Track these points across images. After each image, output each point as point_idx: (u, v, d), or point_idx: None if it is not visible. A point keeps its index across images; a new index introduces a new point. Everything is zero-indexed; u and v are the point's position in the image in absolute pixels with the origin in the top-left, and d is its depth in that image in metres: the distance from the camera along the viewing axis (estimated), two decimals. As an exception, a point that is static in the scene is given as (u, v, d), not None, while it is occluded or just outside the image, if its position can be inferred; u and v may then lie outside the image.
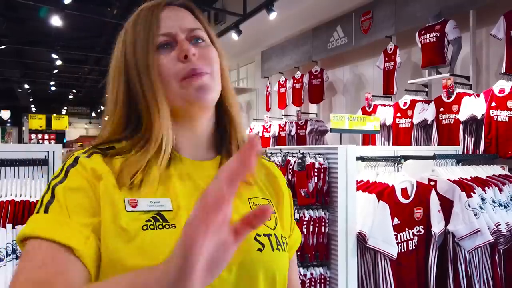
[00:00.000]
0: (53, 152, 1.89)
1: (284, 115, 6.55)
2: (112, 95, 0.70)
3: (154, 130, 0.64)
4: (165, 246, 0.56)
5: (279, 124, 6.18)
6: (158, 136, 0.64)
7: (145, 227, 0.57)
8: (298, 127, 5.87)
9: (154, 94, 0.65)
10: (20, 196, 1.64)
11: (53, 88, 16.52)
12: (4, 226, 1.46)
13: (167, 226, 0.58)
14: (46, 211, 0.56)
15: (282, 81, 6.48)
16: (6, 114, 18.30)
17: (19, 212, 1.54)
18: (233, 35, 6.36)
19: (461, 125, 3.38)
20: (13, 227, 1.48)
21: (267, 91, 7.03)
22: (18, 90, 16.98)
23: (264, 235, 0.65)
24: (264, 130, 6.46)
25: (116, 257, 0.55)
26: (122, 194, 0.59)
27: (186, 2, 0.72)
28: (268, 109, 6.98)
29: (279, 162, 2.39)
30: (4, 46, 9.19)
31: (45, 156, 1.84)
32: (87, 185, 0.59)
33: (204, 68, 0.65)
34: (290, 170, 2.28)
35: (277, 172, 0.79)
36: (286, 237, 0.72)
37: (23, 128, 20.32)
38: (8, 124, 20.15)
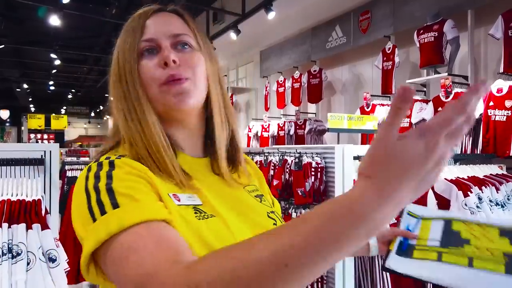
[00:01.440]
0: (50, 151, 1.90)
1: (283, 114, 6.55)
2: (113, 101, 0.71)
3: (144, 134, 0.66)
4: (219, 232, 0.60)
5: (278, 124, 6.18)
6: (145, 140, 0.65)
7: (197, 217, 0.60)
8: (297, 127, 5.87)
9: (138, 99, 0.67)
10: (16, 195, 1.64)
11: (52, 87, 16.51)
12: (0, 226, 1.46)
13: (209, 216, 0.62)
14: (115, 206, 0.52)
15: (281, 81, 6.48)
16: (5, 114, 18.29)
17: (15, 211, 1.54)
18: (232, 35, 6.36)
19: (459, 124, 3.37)
20: (9, 227, 1.48)
21: (266, 90, 7.03)
22: (17, 89, 16.97)
23: (271, 212, 0.73)
24: (263, 130, 6.46)
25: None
26: (165, 189, 0.61)
27: (176, 8, 0.73)
28: (267, 109, 6.99)
29: (277, 162, 2.39)
30: (2, 46, 9.18)
31: (42, 156, 1.85)
32: (140, 174, 0.59)
33: (184, 74, 0.67)
34: (287, 170, 2.28)
35: (247, 158, 0.85)
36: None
37: (22, 128, 20.31)
38: (7, 124, 20.14)
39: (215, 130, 0.74)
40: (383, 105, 4.38)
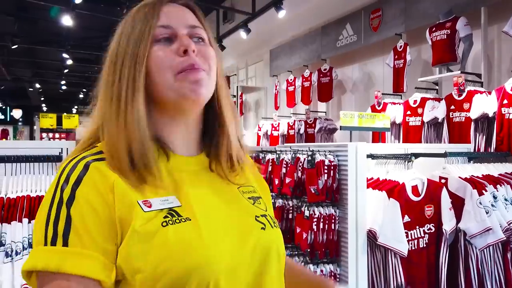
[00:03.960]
0: (67, 149, 1.94)
1: (293, 113, 6.54)
2: (102, 87, 0.69)
3: (127, 127, 0.63)
4: (187, 238, 0.59)
5: (288, 123, 6.18)
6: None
7: (164, 224, 0.59)
8: (307, 126, 5.87)
9: (133, 83, 0.64)
10: (35, 191, 1.68)
11: (64, 87, 16.71)
12: (20, 221, 1.50)
13: (183, 220, 0.61)
14: (65, 243, 0.55)
15: (291, 80, 6.48)
16: (17, 113, 18.57)
17: (34, 207, 1.58)
18: (242, 34, 6.37)
19: (472, 123, 3.34)
20: (29, 222, 1.51)
21: (275, 89, 7.03)
22: (30, 89, 17.21)
23: (262, 216, 0.71)
24: (273, 129, 6.47)
25: (142, 260, 0.57)
26: (134, 196, 0.60)
27: (188, 2, 0.72)
28: (276, 108, 6.99)
29: (289, 160, 2.39)
30: (16, 46, 9.31)
31: (59, 153, 1.89)
32: (101, 203, 0.58)
33: (202, 65, 0.67)
34: (300, 168, 2.29)
35: (251, 161, 0.83)
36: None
37: (35, 127, 20.57)
38: (19, 123, 20.42)
39: (226, 125, 0.73)
40: (394, 103, 4.35)
